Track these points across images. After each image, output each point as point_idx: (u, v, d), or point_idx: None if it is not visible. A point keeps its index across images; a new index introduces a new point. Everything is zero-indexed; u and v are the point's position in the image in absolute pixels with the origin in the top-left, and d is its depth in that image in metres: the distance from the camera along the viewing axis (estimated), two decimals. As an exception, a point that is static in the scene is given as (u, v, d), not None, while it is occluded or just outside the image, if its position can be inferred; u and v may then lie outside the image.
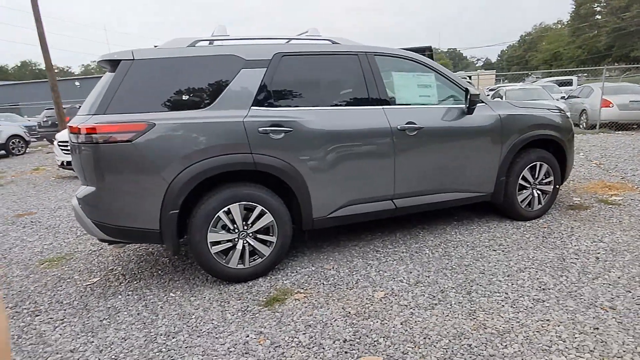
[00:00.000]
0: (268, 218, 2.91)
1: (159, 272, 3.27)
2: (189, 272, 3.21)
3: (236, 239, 2.87)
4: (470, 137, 3.49)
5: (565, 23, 59.61)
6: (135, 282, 3.10)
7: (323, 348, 2.14)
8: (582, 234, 3.46)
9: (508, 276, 2.80)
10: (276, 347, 2.18)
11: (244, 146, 2.77)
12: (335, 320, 2.39)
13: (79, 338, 2.38)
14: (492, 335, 2.16)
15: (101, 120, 2.56)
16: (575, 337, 2.09)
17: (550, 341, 2.08)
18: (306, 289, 2.80)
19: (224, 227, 2.83)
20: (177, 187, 2.65)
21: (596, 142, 8.21)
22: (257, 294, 2.78)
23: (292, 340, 2.23)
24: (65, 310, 2.74)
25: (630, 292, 2.50)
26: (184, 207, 2.77)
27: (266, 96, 2.91)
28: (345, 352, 2.10)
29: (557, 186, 3.95)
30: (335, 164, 3.04)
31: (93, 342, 2.33)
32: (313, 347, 2.16)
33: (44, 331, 2.49)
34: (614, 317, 2.25)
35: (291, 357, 2.10)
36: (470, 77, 18.26)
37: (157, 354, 2.19)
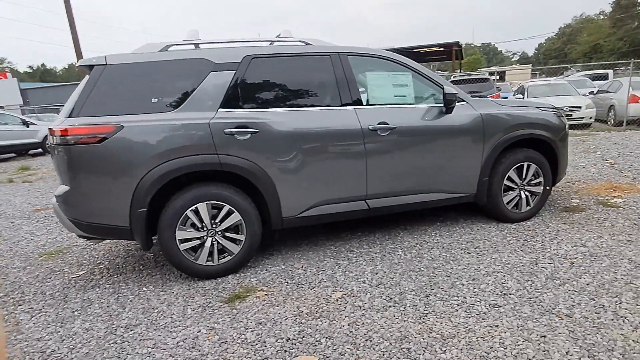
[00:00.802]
0: (236, 217, 2.98)
1: (141, 267, 3.42)
2: (168, 267, 3.34)
3: (205, 237, 2.96)
4: (449, 136, 3.42)
5: (608, 14, 56.34)
6: (115, 276, 3.26)
7: (265, 346, 2.20)
8: (566, 237, 3.32)
9: (473, 280, 2.74)
10: (222, 342, 2.26)
11: (209, 147, 2.85)
12: (286, 319, 2.43)
13: (48, 327, 2.55)
14: (434, 339, 2.14)
15: (73, 122, 2.71)
16: (518, 345, 2.04)
17: (491, 347, 2.04)
18: (269, 287, 2.86)
19: (193, 225, 2.93)
20: (145, 187, 2.77)
21: (618, 139, 7.76)
22: (223, 291, 2.86)
23: (239, 337, 2.30)
24: (45, 300, 2.94)
25: (594, 299, 2.39)
26: (157, 205, 2.89)
27: (234, 98, 2.98)
28: (285, 351, 2.14)
29: (548, 187, 3.80)
30: (304, 165, 3.07)
31: (59, 332, 2.49)
32: (257, 344, 2.22)
33: (21, 320, 2.68)
34: (566, 326, 2.17)
35: (233, 353, 2.16)
36: (497, 72, 17.57)
37: (111, 344, 2.32)
